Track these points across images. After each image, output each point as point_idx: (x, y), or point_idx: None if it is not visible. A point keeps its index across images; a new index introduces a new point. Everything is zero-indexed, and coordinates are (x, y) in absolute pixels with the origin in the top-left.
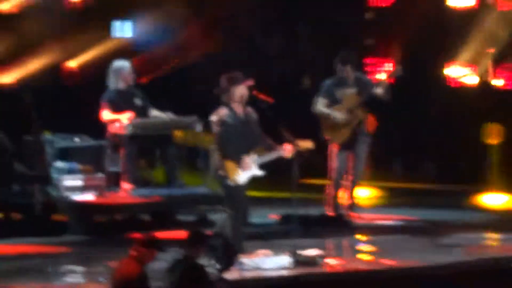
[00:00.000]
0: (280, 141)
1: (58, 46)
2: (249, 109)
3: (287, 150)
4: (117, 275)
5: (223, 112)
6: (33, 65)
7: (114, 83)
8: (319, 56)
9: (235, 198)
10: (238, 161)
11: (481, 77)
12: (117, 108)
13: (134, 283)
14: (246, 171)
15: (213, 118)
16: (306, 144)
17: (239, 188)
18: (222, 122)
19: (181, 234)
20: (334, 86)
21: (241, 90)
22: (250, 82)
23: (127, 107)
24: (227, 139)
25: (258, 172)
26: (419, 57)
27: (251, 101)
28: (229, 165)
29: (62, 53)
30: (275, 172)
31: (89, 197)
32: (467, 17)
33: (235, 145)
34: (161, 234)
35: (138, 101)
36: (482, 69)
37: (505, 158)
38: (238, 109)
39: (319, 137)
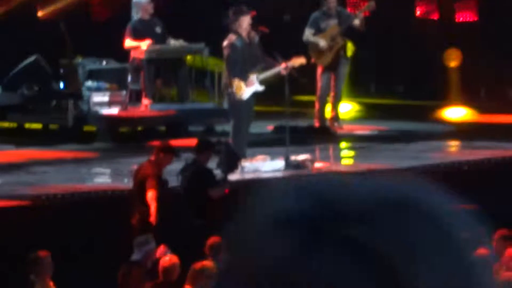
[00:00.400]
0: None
1: None
2: (253, 34)
3: (283, 67)
4: (138, 175)
5: (233, 37)
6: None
7: (136, 14)
8: None
9: (240, 111)
10: (243, 79)
11: (443, 11)
12: (139, 35)
13: (147, 179)
14: (250, 88)
15: (225, 42)
16: (300, 60)
17: (244, 103)
18: (231, 46)
19: (192, 142)
20: (319, 18)
21: (247, 19)
22: (254, 13)
23: (147, 35)
24: (235, 60)
25: (260, 88)
26: None
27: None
28: (236, 82)
29: None
30: (272, 90)
31: (114, 111)
32: None
33: (241, 66)
34: (175, 142)
35: (158, 29)
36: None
37: (463, 78)
38: (244, 34)
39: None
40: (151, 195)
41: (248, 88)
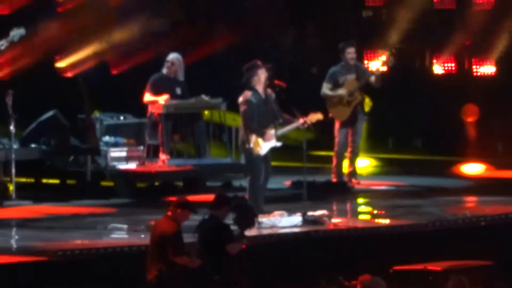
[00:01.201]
0: (293, 116)
1: (106, 39)
2: (269, 91)
3: (302, 123)
4: (156, 232)
5: (248, 93)
6: (86, 54)
7: (163, 69)
8: (325, 49)
9: (258, 167)
10: (261, 135)
11: (460, 66)
12: (158, 91)
13: (170, 238)
14: (268, 143)
15: (240, 99)
16: (317, 116)
17: (261, 158)
18: (247, 102)
19: (209, 198)
20: (337, 72)
21: (263, 73)
22: (269, 65)
23: (167, 93)
24: (252, 116)
25: (277, 144)
26: (409, 49)
27: (268, 85)
28: (254, 138)
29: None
30: (289, 145)
31: (132, 166)
32: (449, 16)
33: (258, 121)
34: (192, 198)
35: (178, 90)
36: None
37: (480, 132)
38: (260, 90)
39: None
40: (185, 260)
41: (265, 144)
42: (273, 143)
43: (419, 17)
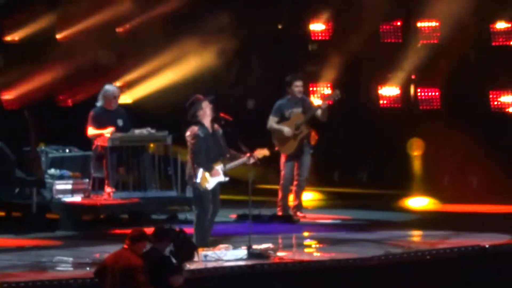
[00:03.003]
0: (239, 151)
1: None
2: (216, 126)
3: (249, 158)
4: (118, 265)
5: (195, 128)
6: (32, 86)
7: (101, 103)
8: (271, 82)
9: (206, 202)
10: (208, 170)
11: (405, 100)
12: (100, 124)
13: (139, 270)
14: (215, 178)
15: (187, 133)
16: (263, 152)
17: (208, 192)
18: (195, 136)
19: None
20: (284, 106)
21: (207, 106)
22: (211, 97)
23: (108, 125)
24: (199, 150)
25: (225, 179)
26: (355, 83)
27: (214, 118)
28: (201, 173)
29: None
30: (235, 179)
31: (77, 198)
32: (395, 49)
33: (205, 156)
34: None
35: (120, 122)
36: (405, 93)
37: (426, 166)
38: (208, 124)
39: (271, 149)
40: None
41: (212, 179)
42: (221, 178)
43: (366, 51)
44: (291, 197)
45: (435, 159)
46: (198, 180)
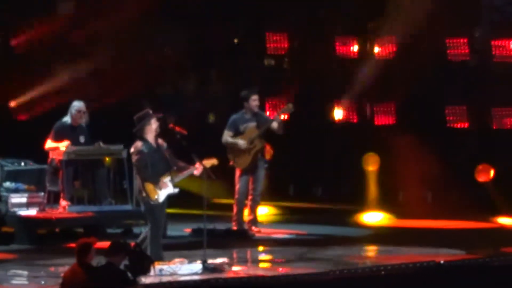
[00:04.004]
0: (192, 163)
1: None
2: (160, 140)
3: (196, 168)
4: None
5: (139, 144)
6: None
7: (67, 117)
8: (227, 96)
9: (155, 214)
10: (156, 183)
11: (360, 115)
12: (62, 139)
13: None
14: (164, 191)
15: (132, 149)
16: (211, 161)
17: (159, 206)
18: (139, 152)
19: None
20: (238, 120)
21: (154, 123)
22: (159, 114)
23: (70, 141)
24: (145, 165)
25: (174, 191)
26: (310, 97)
27: (168, 132)
28: (149, 186)
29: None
30: (189, 193)
31: (32, 212)
32: (351, 64)
33: (152, 170)
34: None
35: (82, 138)
36: (361, 108)
37: (380, 182)
38: (151, 140)
39: (225, 163)
40: None
41: (162, 191)
42: (170, 189)
43: (321, 65)
44: (246, 212)
45: (390, 174)
46: (147, 194)
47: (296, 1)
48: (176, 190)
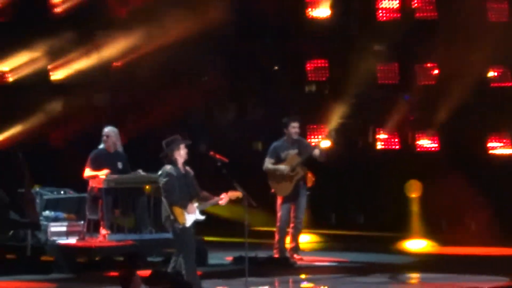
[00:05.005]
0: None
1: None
2: (188, 168)
3: (221, 199)
4: None
5: (167, 167)
6: (24, 127)
7: (102, 145)
8: (268, 124)
9: (185, 239)
10: (184, 207)
11: (402, 141)
12: (99, 166)
13: None
14: (192, 216)
15: (159, 172)
16: (237, 194)
17: (187, 230)
18: (167, 174)
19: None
20: (279, 147)
21: (182, 149)
22: (189, 141)
23: (108, 167)
24: (173, 188)
25: (201, 217)
26: (352, 124)
27: (209, 159)
28: (177, 210)
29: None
30: (230, 220)
31: (72, 241)
32: (392, 91)
33: (179, 193)
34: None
35: (120, 165)
36: (404, 135)
37: (423, 209)
38: (180, 165)
39: (267, 191)
40: None
41: (189, 216)
42: (197, 215)
43: (363, 92)
44: (287, 239)
45: (433, 201)
46: (175, 218)
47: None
48: (203, 217)
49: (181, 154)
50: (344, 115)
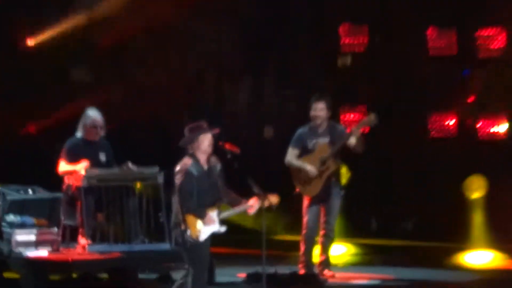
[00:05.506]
0: (247, 193)
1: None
2: (214, 160)
3: (251, 206)
4: None
5: (188, 162)
6: None
7: (80, 132)
8: (286, 107)
9: (196, 255)
10: (200, 216)
11: (461, 128)
12: (77, 159)
13: None
14: (209, 227)
15: (177, 167)
16: (273, 199)
17: (200, 245)
18: (186, 173)
19: None
20: (305, 135)
21: (207, 139)
22: (216, 131)
23: (88, 161)
24: (190, 191)
25: (221, 229)
26: (398, 106)
27: (217, 151)
28: (191, 219)
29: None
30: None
31: (43, 253)
32: (447, 64)
33: (197, 198)
34: None
35: (102, 156)
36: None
37: (488, 212)
38: (203, 161)
39: (290, 189)
40: None
41: (206, 228)
42: (215, 227)
43: (411, 67)
44: (316, 251)
45: (501, 202)
46: (187, 228)
47: None
48: (223, 228)
49: (205, 146)
50: (388, 95)
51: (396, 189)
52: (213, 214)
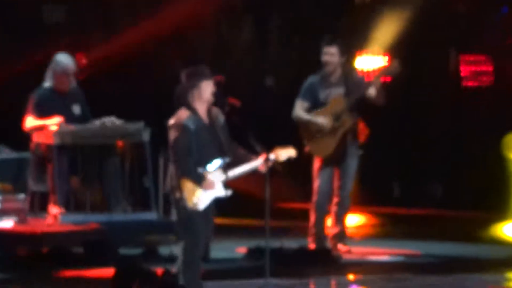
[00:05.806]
0: (251, 151)
1: None
2: (215, 111)
3: (264, 161)
4: None
5: (184, 114)
6: None
7: (49, 81)
8: (292, 53)
9: (192, 226)
10: (199, 180)
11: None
12: (46, 113)
13: None
14: (209, 193)
15: (171, 121)
16: (287, 151)
17: (199, 214)
18: (182, 128)
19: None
20: (317, 85)
21: (209, 87)
22: (219, 77)
23: (59, 114)
24: (188, 149)
25: (224, 193)
26: (422, 50)
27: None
28: (188, 184)
29: None
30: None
31: (8, 224)
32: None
33: (196, 158)
34: (97, 272)
35: (76, 109)
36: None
37: None
38: (202, 112)
39: (298, 148)
40: None
41: (206, 193)
42: (218, 191)
43: (439, 3)
44: (329, 222)
45: None
46: (183, 195)
47: None
48: (229, 192)
49: (206, 94)
50: (413, 37)
51: (422, 149)
52: (215, 176)
